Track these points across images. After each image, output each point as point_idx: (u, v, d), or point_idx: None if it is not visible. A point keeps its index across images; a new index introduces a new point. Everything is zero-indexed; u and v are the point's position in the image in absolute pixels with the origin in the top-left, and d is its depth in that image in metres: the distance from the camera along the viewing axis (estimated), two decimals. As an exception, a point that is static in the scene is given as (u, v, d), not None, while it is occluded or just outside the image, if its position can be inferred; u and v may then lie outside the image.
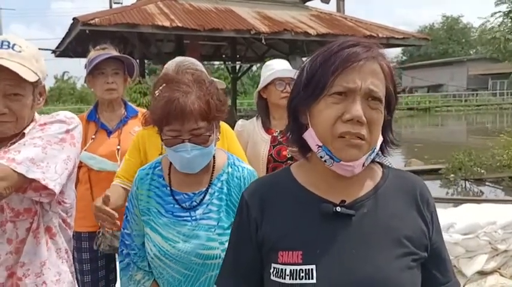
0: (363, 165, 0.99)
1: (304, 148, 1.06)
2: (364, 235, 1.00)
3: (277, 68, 2.58)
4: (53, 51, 13.52)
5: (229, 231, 1.54)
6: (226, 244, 1.52)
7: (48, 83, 46.75)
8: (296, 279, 0.98)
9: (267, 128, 2.60)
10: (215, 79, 2.06)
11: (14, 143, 1.39)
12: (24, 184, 1.33)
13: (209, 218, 1.56)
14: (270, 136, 2.57)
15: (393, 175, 1.10)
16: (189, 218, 1.56)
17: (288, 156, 2.53)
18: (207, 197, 1.58)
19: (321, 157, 0.99)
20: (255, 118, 2.69)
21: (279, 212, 1.06)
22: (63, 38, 11.55)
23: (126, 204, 1.68)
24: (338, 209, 0.99)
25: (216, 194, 1.59)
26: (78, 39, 10.14)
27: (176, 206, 1.58)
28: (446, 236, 3.08)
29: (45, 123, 1.44)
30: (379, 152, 1.06)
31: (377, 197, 1.04)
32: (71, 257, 1.63)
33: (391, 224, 1.02)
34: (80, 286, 2.31)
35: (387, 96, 1.00)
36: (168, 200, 1.59)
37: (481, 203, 4.20)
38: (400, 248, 1.00)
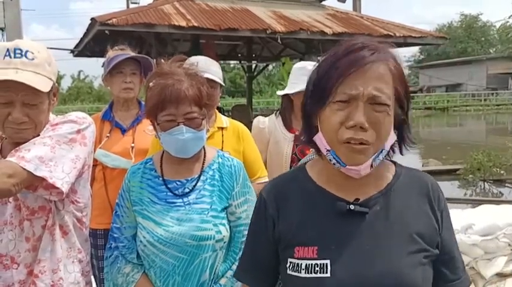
0: (371, 166, 1.01)
1: (318, 148, 1.09)
2: (377, 232, 1.03)
3: None
4: (71, 51, 13.70)
5: (222, 214, 1.61)
6: (220, 226, 1.58)
7: (66, 83, 47.40)
8: (311, 273, 1.02)
9: (289, 126, 2.59)
10: (212, 76, 2.09)
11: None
12: (34, 182, 1.35)
13: (202, 202, 1.60)
14: (293, 135, 2.55)
15: (405, 173, 1.12)
16: (182, 204, 1.60)
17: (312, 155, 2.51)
18: (200, 183, 1.63)
19: (330, 160, 1.03)
20: (273, 116, 2.67)
21: (294, 209, 1.10)
22: (82, 38, 11.69)
23: (117, 200, 1.70)
24: (352, 207, 1.03)
25: (208, 180, 1.64)
26: (96, 39, 10.26)
27: (169, 193, 1.62)
28: (464, 237, 3.04)
29: (57, 124, 1.47)
30: (391, 152, 1.08)
31: (389, 195, 1.07)
32: (87, 256, 1.64)
33: (404, 221, 1.05)
34: (97, 282, 2.34)
35: (397, 97, 1.01)
36: (161, 189, 1.63)
37: (500, 204, 4.13)
38: (413, 245, 1.03)
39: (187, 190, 1.62)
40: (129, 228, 1.66)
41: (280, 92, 2.68)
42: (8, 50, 1.41)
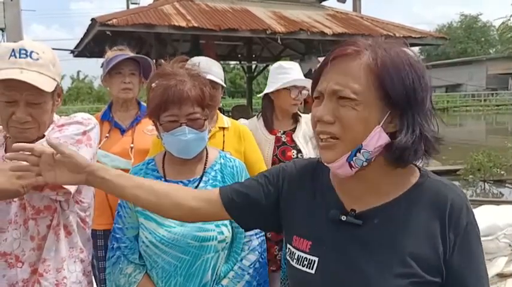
0: (351, 166, 0.97)
1: None
2: (366, 246, 0.99)
3: (293, 74, 2.55)
4: (72, 52, 13.69)
5: None
6: (222, 227, 1.58)
7: (66, 83, 47.39)
8: (300, 265, 1.05)
9: (270, 128, 2.59)
10: (214, 77, 2.10)
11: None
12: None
13: None
14: (274, 137, 2.56)
15: (428, 185, 1.01)
16: None
17: (294, 156, 2.52)
18: (202, 184, 1.63)
19: None
20: (255, 118, 2.68)
21: (304, 197, 1.12)
22: (82, 39, 11.69)
23: (119, 201, 1.71)
24: (343, 218, 1.02)
25: (211, 181, 1.65)
26: (96, 40, 10.26)
27: None
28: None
29: (63, 125, 1.49)
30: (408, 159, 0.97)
31: (394, 208, 1.00)
32: (89, 256, 1.65)
33: (399, 239, 0.97)
34: (97, 282, 2.35)
35: (384, 95, 0.93)
36: None
37: (501, 205, 4.13)
38: (401, 268, 0.95)
39: None
40: (132, 229, 1.67)
41: (260, 94, 2.71)
42: (13, 50, 1.42)
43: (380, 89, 0.94)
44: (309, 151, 2.53)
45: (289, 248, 1.11)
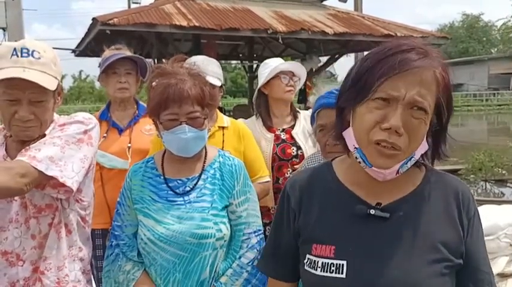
0: (397, 172, 0.98)
1: (347, 145, 1.06)
2: (397, 238, 1.00)
3: (276, 63, 2.60)
4: (73, 51, 13.71)
5: (223, 213, 1.62)
6: (220, 224, 1.59)
7: (67, 83, 47.46)
8: (327, 272, 1.01)
9: (268, 126, 2.60)
10: (211, 78, 2.12)
11: (35, 142, 1.43)
12: (43, 181, 1.37)
13: (203, 200, 1.61)
14: (273, 135, 2.56)
15: (436, 177, 1.09)
16: (183, 202, 1.61)
17: (293, 154, 2.52)
18: (200, 182, 1.64)
19: (356, 158, 1.00)
20: (254, 117, 2.69)
21: (316, 205, 1.10)
22: (83, 38, 11.70)
23: (118, 199, 1.71)
24: (372, 211, 1.01)
25: (209, 179, 1.65)
26: (97, 39, 10.27)
27: (170, 192, 1.63)
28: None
29: (64, 124, 1.51)
30: (423, 160, 1.05)
31: (415, 200, 1.04)
32: (89, 255, 1.65)
33: (427, 228, 1.01)
34: (95, 281, 2.35)
35: (437, 108, 0.97)
36: (162, 188, 1.64)
37: (502, 205, 4.12)
38: (434, 254, 0.99)
39: (188, 189, 1.63)
40: (130, 226, 1.67)
41: (254, 96, 2.74)
42: (15, 49, 1.43)
43: (437, 104, 0.97)
44: (308, 147, 2.53)
45: (308, 259, 1.06)
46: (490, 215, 3.33)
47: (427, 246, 1.00)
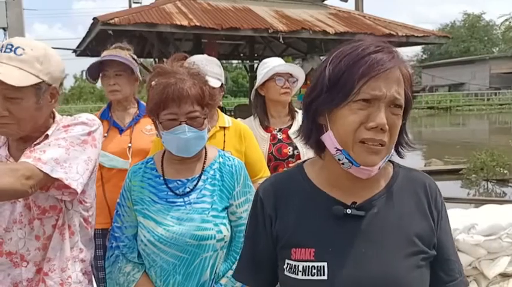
0: (379, 168, 1.01)
1: (319, 148, 1.08)
2: (374, 235, 1.03)
3: (275, 64, 2.58)
4: (74, 51, 13.71)
5: (223, 214, 1.60)
6: (221, 225, 1.58)
7: (69, 83, 47.51)
8: (308, 275, 1.02)
9: (265, 126, 2.59)
10: (210, 79, 2.10)
11: (38, 143, 1.43)
12: (48, 183, 1.36)
13: (203, 201, 1.60)
14: (269, 134, 2.56)
15: (403, 173, 1.12)
16: (183, 203, 1.60)
17: (289, 154, 2.52)
18: (200, 183, 1.63)
19: (339, 160, 1.01)
20: (252, 117, 2.69)
21: (292, 209, 1.10)
22: (84, 38, 11.70)
23: (118, 200, 1.70)
24: (348, 211, 1.03)
25: (209, 180, 1.64)
26: (98, 39, 10.27)
27: (170, 193, 1.62)
28: (467, 237, 3.02)
29: (68, 125, 1.48)
30: (393, 154, 1.08)
31: (387, 196, 1.07)
32: (91, 256, 1.65)
33: (402, 222, 1.05)
34: (96, 281, 2.35)
35: (405, 102, 1.01)
36: (162, 189, 1.63)
37: (504, 204, 4.11)
38: (411, 247, 1.03)
39: (188, 190, 1.62)
40: (130, 227, 1.66)
41: (251, 96, 2.73)
42: (2, 46, 1.41)
43: (406, 99, 1.01)
44: (305, 147, 2.52)
45: (288, 264, 1.06)
46: (491, 215, 3.32)
47: (403, 240, 1.03)
